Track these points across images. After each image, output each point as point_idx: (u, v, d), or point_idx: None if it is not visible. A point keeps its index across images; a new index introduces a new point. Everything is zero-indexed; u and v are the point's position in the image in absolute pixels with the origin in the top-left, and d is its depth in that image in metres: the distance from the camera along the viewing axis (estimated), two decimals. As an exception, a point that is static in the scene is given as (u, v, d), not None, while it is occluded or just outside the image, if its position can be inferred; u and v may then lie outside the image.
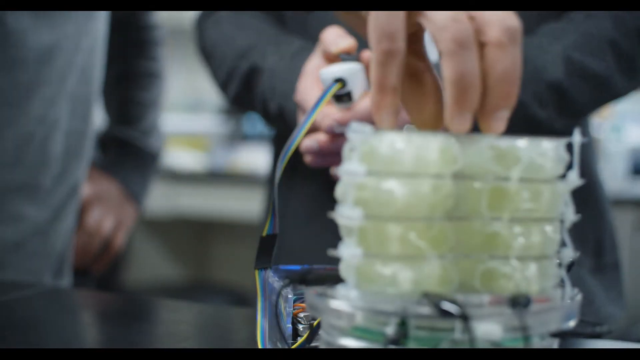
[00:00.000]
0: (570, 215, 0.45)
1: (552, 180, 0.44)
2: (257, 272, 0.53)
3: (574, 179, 0.45)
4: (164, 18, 1.33)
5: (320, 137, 0.76)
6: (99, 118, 1.27)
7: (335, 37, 0.76)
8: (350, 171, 0.42)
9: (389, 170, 0.42)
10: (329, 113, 0.75)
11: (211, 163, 2.90)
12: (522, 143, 0.44)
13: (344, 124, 0.74)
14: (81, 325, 0.79)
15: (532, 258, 0.43)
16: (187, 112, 3.23)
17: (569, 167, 0.45)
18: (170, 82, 1.36)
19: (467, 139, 0.43)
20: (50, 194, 0.99)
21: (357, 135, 0.42)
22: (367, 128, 0.42)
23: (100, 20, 1.04)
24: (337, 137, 0.75)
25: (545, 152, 0.44)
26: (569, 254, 0.45)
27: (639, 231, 2.37)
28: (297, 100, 0.79)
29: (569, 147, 0.45)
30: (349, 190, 0.42)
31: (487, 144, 0.43)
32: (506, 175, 0.43)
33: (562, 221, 0.45)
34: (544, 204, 0.44)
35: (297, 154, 0.74)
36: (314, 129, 0.76)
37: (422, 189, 0.41)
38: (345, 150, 0.43)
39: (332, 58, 0.77)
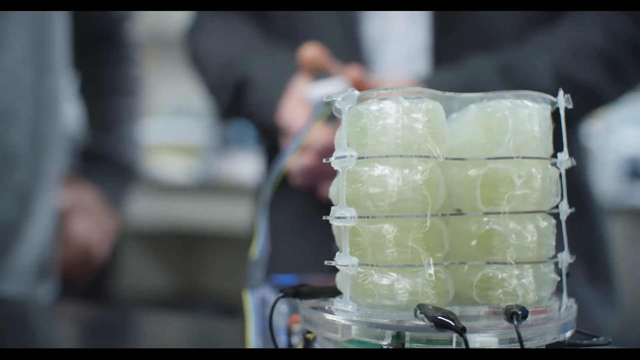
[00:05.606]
0: (565, 207, 0.44)
1: (544, 159, 0.44)
2: (246, 292, 0.52)
3: (565, 159, 0.44)
4: (151, 25, 1.33)
5: (307, 160, 0.76)
6: (74, 122, 1.26)
7: (305, 48, 0.79)
8: (341, 156, 0.41)
9: (379, 141, 0.41)
10: (318, 133, 0.74)
11: (201, 173, 2.89)
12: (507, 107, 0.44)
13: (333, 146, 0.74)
14: (63, 338, 0.78)
15: (529, 261, 0.42)
16: (176, 119, 3.22)
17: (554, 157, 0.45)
18: (159, 89, 1.36)
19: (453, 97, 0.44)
20: (17, 188, 0.96)
21: (344, 103, 0.42)
22: (354, 93, 0.42)
23: (54, 17, 1.01)
24: (324, 157, 0.75)
25: (531, 114, 0.45)
26: (566, 257, 0.44)
27: (635, 238, 2.37)
28: (282, 123, 0.79)
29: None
30: (342, 184, 0.41)
31: (474, 114, 0.44)
32: (496, 150, 0.43)
33: (557, 215, 0.44)
34: (537, 188, 0.43)
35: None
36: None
37: (412, 173, 0.41)
38: (337, 133, 0.43)
39: (311, 70, 0.78)
